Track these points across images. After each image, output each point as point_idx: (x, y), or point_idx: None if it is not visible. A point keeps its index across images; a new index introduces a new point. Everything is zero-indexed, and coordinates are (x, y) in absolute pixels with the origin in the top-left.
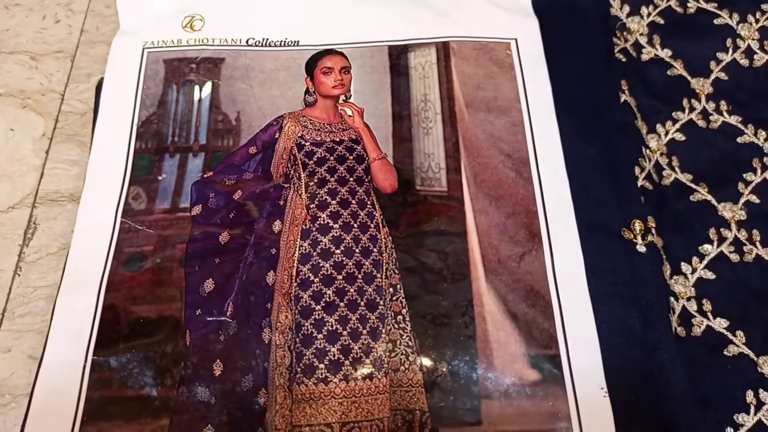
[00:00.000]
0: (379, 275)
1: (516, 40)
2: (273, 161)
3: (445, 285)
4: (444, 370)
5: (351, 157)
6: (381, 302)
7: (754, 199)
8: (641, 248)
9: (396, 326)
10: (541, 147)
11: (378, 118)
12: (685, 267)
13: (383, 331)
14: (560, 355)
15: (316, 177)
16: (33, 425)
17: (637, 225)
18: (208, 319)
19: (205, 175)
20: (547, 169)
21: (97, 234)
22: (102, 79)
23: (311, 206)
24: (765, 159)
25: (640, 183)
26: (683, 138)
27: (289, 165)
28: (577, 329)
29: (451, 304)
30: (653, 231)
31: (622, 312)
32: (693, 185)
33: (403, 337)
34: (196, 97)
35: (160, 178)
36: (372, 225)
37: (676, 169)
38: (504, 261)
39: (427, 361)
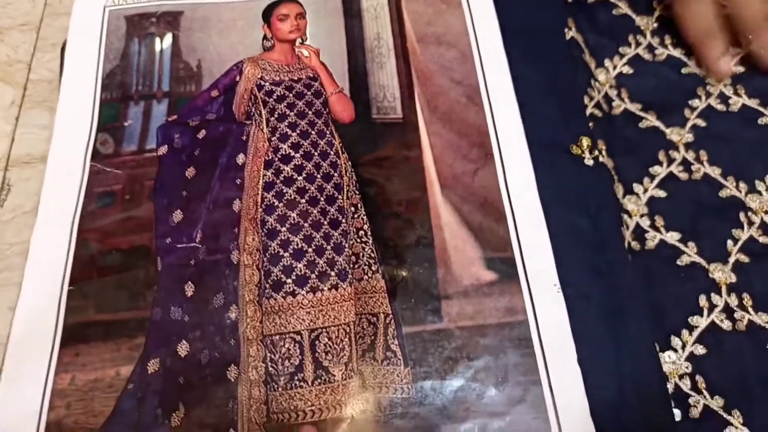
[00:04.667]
0: (340, 197)
1: None
2: (234, 101)
3: (403, 200)
4: (405, 275)
5: (309, 93)
6: (343, 220)
7: (701, 122)
8: (589, 161)
9: (358, 240)
10: (491, 74)
11: (334, 57)
12: (636, 187)
13: (346, 245)
14: (514, 257)
15: (276, 113)
16: (12, 350)
17: (585, 141)
18: (178, 246)
19: (169, 119)
20: (497, 93)
21: (67, 177)
22: (66, 41)
23: (273, 139)
24: (708, 87)
25: (589, 111)
26: (631, 71)
27: (251, 104)
28: (530, 233)
29: (409, 217)
30: (603, 152)
31: (572, 217)
32: (642, 114)
33: (366, 250)
34: (157, 48)
35: (126, 124)
36: (332, 152)
37: (625, 99)
38: (458, 177)
39: (389, 270)
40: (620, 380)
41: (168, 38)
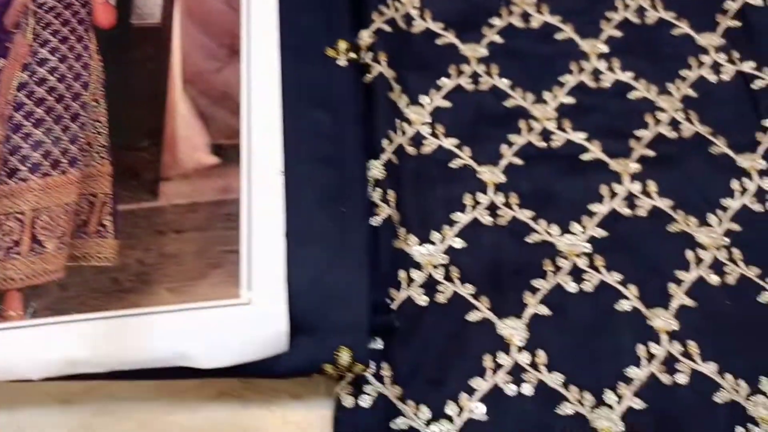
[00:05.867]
0: (86, 93)
1: None
2: (7, 14)
3: (143, 94)
4: (129, 161)
5: (77, 3)
6: (84, 114)
7: (498, 39)
8: (342, 63)
9: (94, 131)
10: None
11: None
12: (422, 98)
13: (82, 136)
14: (241, 144)
15: (42, 21)
16: None
17: (342, 44)
18: None
19: None
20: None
21: None
22: None
23: (33, 45)
24: (511, 6)
25: (377, 26)
26: None
27: (21, 15)
28: (261, 124)
29: (146, 110)
30: (383, 62)
31: (311, 111)
32: (442, 32)
33: (99, 139)
34: None
35: None
36: (86, 55)
37: (428, 19)
38: (202, 73)
39: (117, 156)
40: (328, 255)
41: None
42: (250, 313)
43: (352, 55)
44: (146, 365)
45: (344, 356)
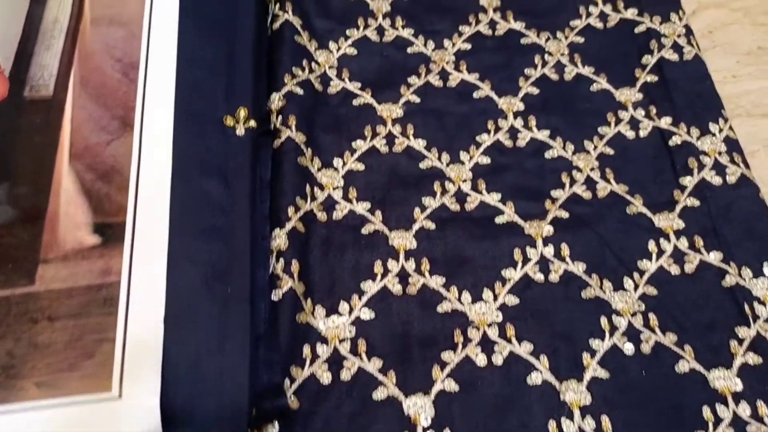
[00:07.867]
0: None
1: None
2: None
3: (29, 169)
4: (8, 242)
5: None
6: None
7: (415, 99)
8: (240, 132)
9: None
10: (155, 52)
11: (7, 40)
12: (336, 161)
13: None
14: (125, 222)
15: None
16: None
17: (242, 112)
18: None
19: None
20: (156, 70)
21: None
22: None
23: None
24: (430, 65)
25: (287, 89)
26: (355, 52)
27: None
28: (149, 199)
29: (31, 187)
30: (293, 126)
31: (203, 182)
32: (359, 92)
33: None
34: None
35: None
36: None
37: (346, 79)
38: (91, 147)
39: None
40: (208, 340)
41: None
42: (121, 408)
43: (252, 123)
44: None
45: None
